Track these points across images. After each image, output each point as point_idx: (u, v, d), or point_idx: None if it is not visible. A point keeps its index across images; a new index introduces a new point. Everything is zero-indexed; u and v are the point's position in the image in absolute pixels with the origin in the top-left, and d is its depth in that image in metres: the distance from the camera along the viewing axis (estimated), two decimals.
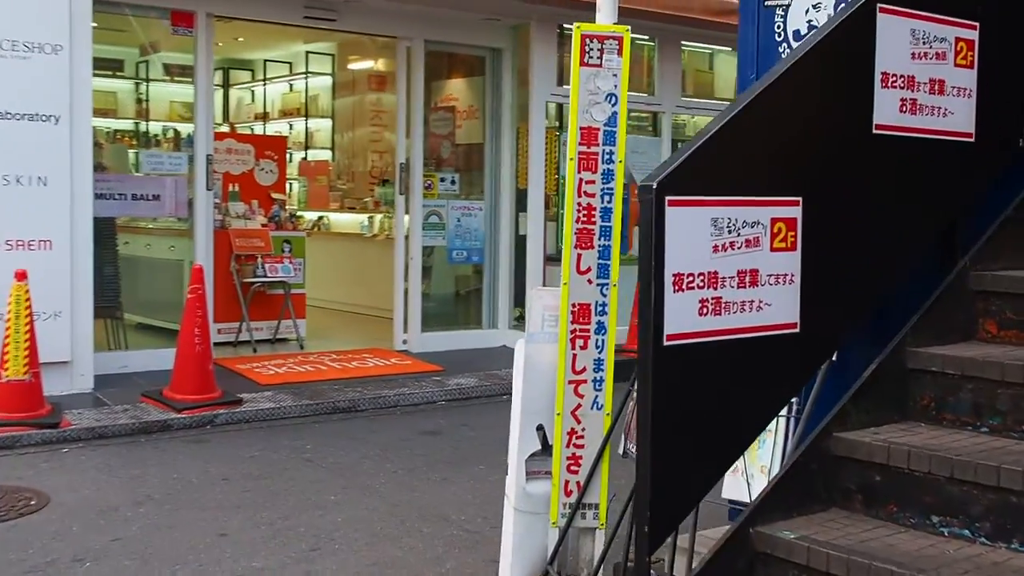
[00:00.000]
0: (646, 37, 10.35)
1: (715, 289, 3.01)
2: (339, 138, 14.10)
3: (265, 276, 9.55)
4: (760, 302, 3.11)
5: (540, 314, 4.11)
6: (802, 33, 3.98)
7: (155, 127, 10.91)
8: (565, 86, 9.71)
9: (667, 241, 2.88)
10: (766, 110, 3.09)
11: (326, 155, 14.14)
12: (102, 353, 7.94)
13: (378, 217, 12.50)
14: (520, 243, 9.90)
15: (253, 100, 15.16)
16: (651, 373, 2.87)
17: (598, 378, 4.08)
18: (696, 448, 3.00)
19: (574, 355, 4.06)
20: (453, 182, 9.79)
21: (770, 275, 3.13)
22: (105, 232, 8.13)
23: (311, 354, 9.24)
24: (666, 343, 2.89)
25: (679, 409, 2.95)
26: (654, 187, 2.85)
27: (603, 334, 4.08)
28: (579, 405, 4.08)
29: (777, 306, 3.15)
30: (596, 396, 4.09)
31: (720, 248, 3.02)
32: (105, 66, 10.03)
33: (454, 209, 9.73)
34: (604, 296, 4.06)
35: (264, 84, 14.73)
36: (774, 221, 3.13)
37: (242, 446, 6.59)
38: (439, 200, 9.65)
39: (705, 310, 2.99)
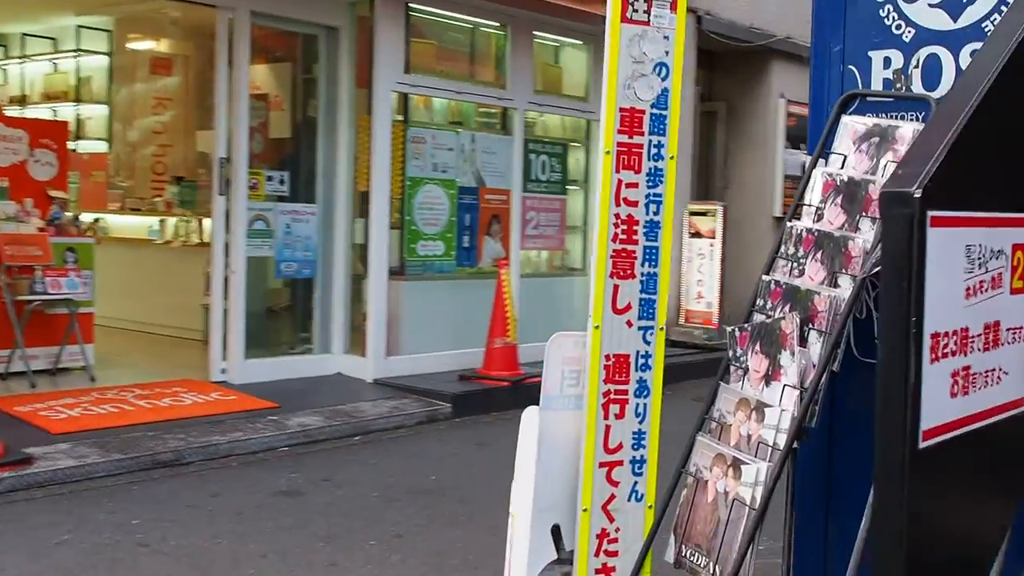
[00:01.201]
0: (496, 24, 9.27)
1: (965, 355, 1.97)
2: (118, 128, 12.18)
3: (46, 292, 7.76)
4: (999, 370, 2.10)
5: (559, 370, 2.94)
6: None
7: None
8: (414, 74, 8.51)
9: (927, 282, 1.81)
10: (1010, 84, 2.08)
11: (102, 147, 12.16)
12: None
13: (171, 221, 10.78)
14: (357, 254, 8.58)
15: (6, 80, 12.95)
16: (907, 492, 1.80)
17: (638, 457, 2.96)
18: None
19: (607, 427, 2.93)
20: (282, 182, 8.31)
21: (1009, 328, 2.13)
22: None
23: (108, 389, 7.54)
24: (922, 444, 1.82)
25: (925, 538, 1.89)
26: (915, 196, 1.77)
27: (646, 396, 2.96)
28: (612, 496, 2.95)
29: (1014, 374, 2.15)
30: (635, 483, 2.97)
31: (972, 292, 1.98)
32: None
33: (283, 214, 8.26)
34: (648, 344, 2.95)
35: (21, 62, 12.57)
36: (1015, 249, 2.13)
37: (45, 524, 4.98)
38: (266, 203, 8.16)
39: (956, 388, 1.95)
